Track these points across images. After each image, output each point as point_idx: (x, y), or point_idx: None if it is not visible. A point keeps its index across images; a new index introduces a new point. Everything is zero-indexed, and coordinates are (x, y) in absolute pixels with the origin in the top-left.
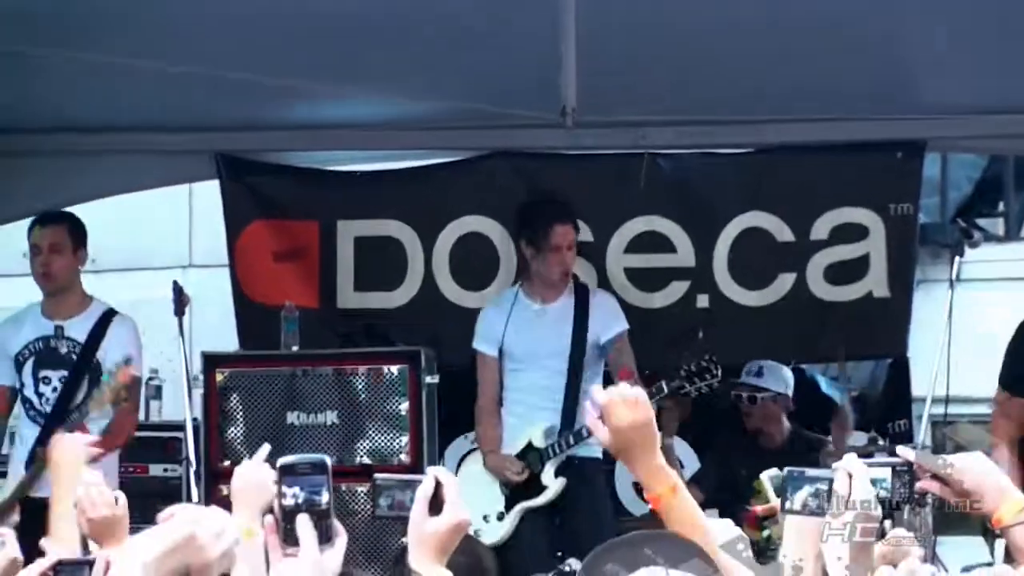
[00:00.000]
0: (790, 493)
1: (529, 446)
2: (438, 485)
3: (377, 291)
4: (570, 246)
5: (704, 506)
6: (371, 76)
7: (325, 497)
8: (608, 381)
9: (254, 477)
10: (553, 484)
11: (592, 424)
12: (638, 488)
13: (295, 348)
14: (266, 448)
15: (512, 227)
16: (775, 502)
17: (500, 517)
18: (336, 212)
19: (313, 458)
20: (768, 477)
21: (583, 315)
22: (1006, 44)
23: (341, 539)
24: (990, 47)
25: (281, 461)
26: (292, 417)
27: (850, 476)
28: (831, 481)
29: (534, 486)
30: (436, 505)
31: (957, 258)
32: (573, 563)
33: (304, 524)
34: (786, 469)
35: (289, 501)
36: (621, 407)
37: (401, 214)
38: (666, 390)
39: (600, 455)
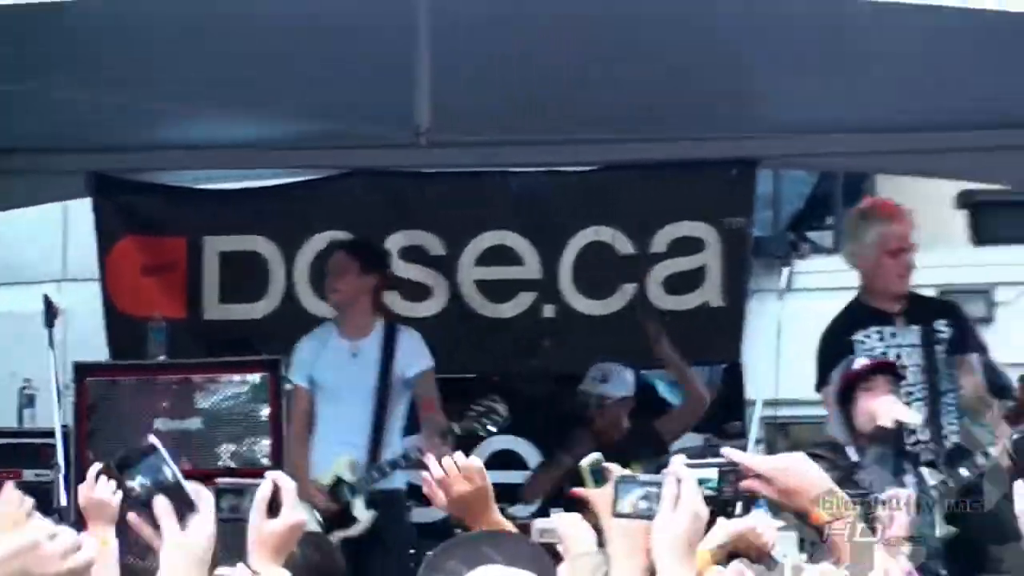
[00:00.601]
0: (620, 496)
1: (339, 479)
2: (276, 489)
3: (241, 303)
4: (339, 271)
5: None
6: (237, 98)
7: (168, 472)
8: (414, 411)
9: (93, 494)
10: (364, 516)
11: (430, 493)
12: None
13: (162, 357)
14: (96, 467)
15: None
16: (591, 488)
17: None
18: (203, 228)
19: (140, 446)
20: (587, 464)
21: (390, 353)
22: (835, 66)
23: (206, 502)
24: (820, 69)
25: (113, 461)
26: (159, 423)
27: (679, 481)
28: (660, 485)
29: (347, 517)
30: (275, 508)
31: (787, 269)
32: None
33: (160, 505)
34: (617, 474)
35: (138, 491)
36: (459, 481)
37: (264, 230)
38: (458, 431)
39: (403, 487)
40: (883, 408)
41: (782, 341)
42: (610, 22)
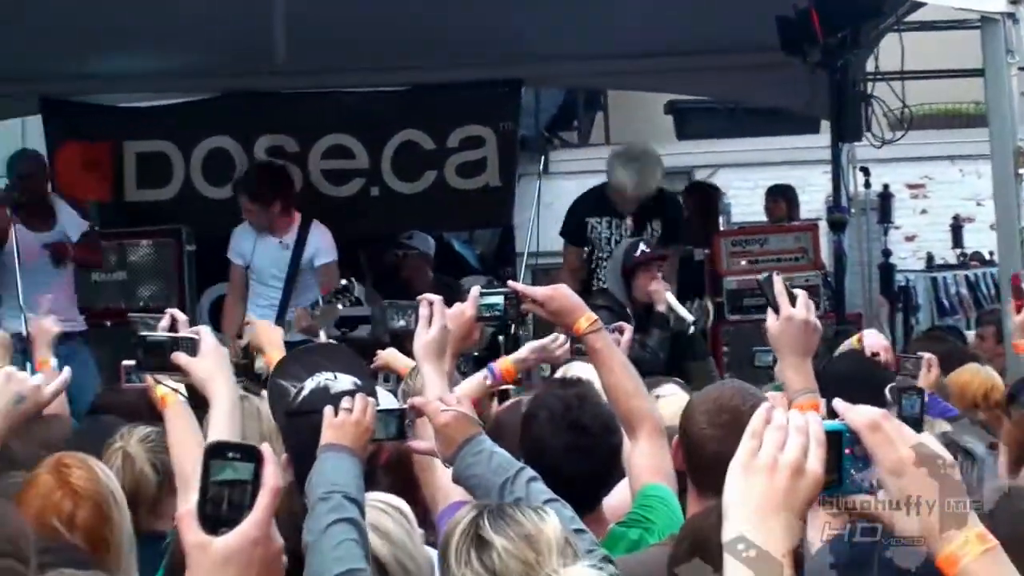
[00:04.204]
0: (388, 319)
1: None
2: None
3: (152, 188)
4: (247, 213)
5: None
6: (144, 40)
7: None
8: None
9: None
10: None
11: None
12: None
13: (96, 228)
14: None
15: (245, 145)
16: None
17: None
18: (123, 135)
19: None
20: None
21: (301, 245)
22: (576, 9)
23: (204, 336)
24: (564, 13)
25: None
26: (95, 275)
27: (430, 304)
28: (416, 307)
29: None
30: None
31: (544, 158)
32: None
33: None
34: (387, 304)
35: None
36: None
37: (168, 135)
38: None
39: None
40: (662, 294)
41: (540, 209)
42: None
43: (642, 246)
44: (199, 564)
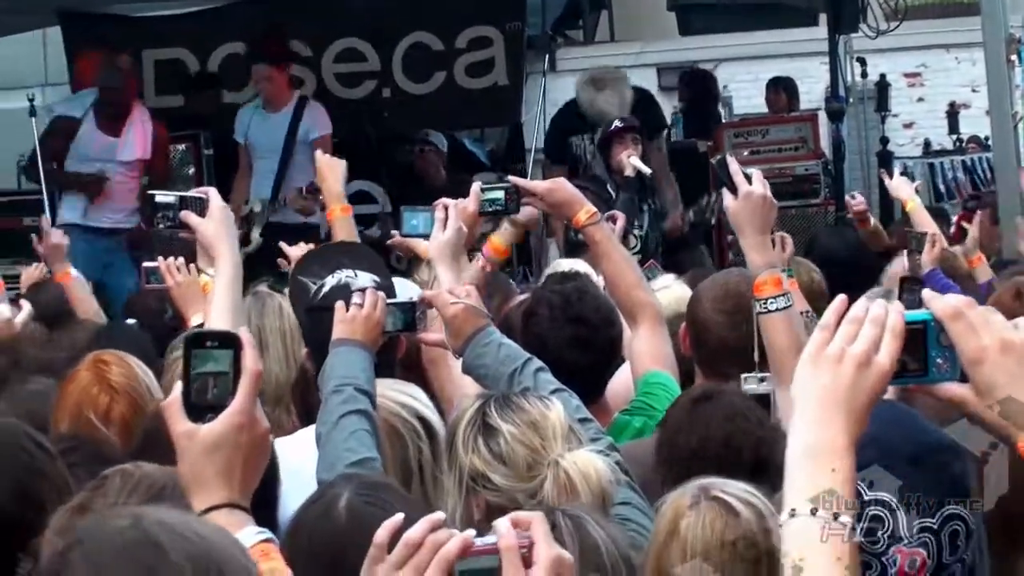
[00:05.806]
0: (405, 221)
1: (250, 211)
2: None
3: (171, 95)
4: (259, 77)
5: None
6: None
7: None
8: None
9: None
10: (256, 240)
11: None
12: None
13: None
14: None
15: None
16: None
17: None
18: (141, 43)
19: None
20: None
21: (297, 120)
22: None
23: (212, 196)
24: None
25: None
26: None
27: (445, 208)
28: (433, 211)
29: (247, 239)
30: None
31: (548, 56)
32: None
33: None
34: (403, 208)
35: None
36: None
37: (185, 43)
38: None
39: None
40: (625, 161)
41: (547, 105)
42: None
43: (616, 121)
44: (188, 452)
